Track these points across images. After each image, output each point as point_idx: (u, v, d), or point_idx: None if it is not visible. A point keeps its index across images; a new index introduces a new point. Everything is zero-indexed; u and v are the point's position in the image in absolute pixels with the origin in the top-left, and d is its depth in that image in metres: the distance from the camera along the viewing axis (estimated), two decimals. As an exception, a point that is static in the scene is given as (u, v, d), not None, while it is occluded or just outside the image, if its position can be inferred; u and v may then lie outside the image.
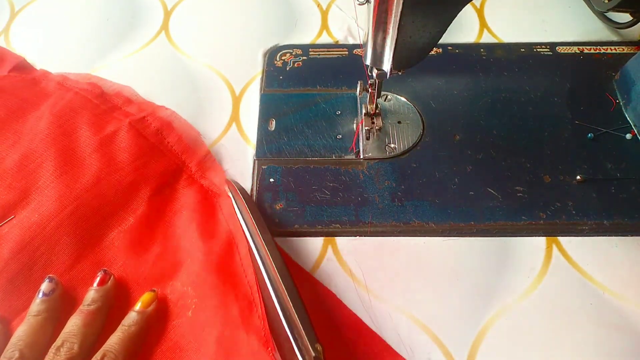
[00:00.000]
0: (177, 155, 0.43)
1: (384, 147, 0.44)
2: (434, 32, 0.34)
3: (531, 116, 0.46)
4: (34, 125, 0.44)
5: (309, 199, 0.41)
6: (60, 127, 0.43)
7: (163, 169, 0.42)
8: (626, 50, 0.51)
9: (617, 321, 0.35)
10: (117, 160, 0.42)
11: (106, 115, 0.45)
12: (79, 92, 0.46)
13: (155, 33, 0.55)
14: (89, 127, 0.43)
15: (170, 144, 0.44)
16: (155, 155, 0.43)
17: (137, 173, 0.41)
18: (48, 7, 0.58)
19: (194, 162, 0.43)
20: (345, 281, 0.38)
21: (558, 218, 0.40)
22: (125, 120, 0.44)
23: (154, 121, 0.44)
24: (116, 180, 0.41)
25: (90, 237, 0.39)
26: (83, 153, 0.42)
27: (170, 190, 0.42)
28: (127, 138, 0.43)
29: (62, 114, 0.44)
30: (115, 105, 0.46)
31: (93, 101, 0.46)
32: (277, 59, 0.51)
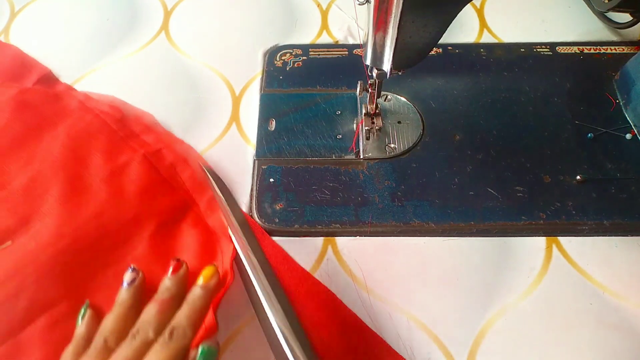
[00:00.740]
0: (188, 192, 0.41)
1: (384, 147, 0.44)
2: (434, 32, 0.34)
3: (531, 116, 0.46)
4: (48, 146, 0.43)
5: (309, 199, 0.41)
6: (73, 152, 0.42)
7: (171, 204, 0.41)
8: (626, 50, 0.51)
9: (617, 321, 0.35)
10: (125, 192, 0.40)
11: (122, 142, 0.44)
12: (100, 114, 0.45)
13: (155, 33, 0.55)
14: (103, 155, 0.42)
15: (183, 179, 0.42)
16: (165, 190, 0.41)
17: (143, 207, 0.40)
18: (48, 7, 0.58)
19: (204, 200, 0.41)
20: (345, 281, 0.38)
21: (558, 218, 0.40)
22: (140, 151, 0.43)
23: (169, 154, 0.43)
24: (120, 213, 0.39)
25: (84, 273, 0.37)
26: (91, 181, 0.41)
27: (174, 228, 0.40)
28: (139, 170, 0.42)
29: (78, 137, 0.43)
30: (134, 132, 0.45)
31: (112, 126, 0.44)
32: (277, 59, 0.51)
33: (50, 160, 0.42)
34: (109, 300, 0.34)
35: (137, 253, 0.38)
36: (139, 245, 0.38)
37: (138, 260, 0.37)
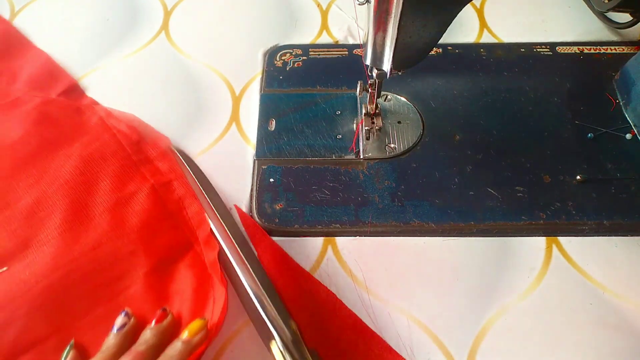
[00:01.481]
0: (191, 229, 0.39)
1: (384, 147, 0.44)
2: (434, 32, 0.34)
3: (531, 116, 0.46)
4: (60, 165, 0.42)
5: (308, 199, 0.41)
6: (83, 175, 0.41)
7: (171, 243, 0.39)
8: (626, 50, 0.51)
9: (617, 321, 0.35)
10: (126, 225, 0.39)
11: (134, 169, 0.42)
12: (117, 134, 0.44)
13: (155, 33, 0.55)
14: (112, 181, 0.41)
15: (188, 215, 0.40)
16: (168, 226, 0.39)
17: (143, 243, 0.38)
18: (48, 7, 0.58)
19: (204, 234, 0.39)
20: (345, 281, 0.38)
21: (558, 218, 0.40)
22: (150, 181, 0.41)
23: (179, 187, 0.41)
24: (118, 247, 0.38)
25: (75, 309, 0.36)
26: (95, 210, 0.39)
27: (171, 269, 0.38)
28: (145, 202, 0.40)
29: (91, 159, 0.42)
30: (148, 157, 0.43)
31: (127, 149, 0.43)
32: (277, 59, 0.51)
33: (58, 183, 0.41)
34: (98, 339, 0.33)
35: (130, 292, 0.37)
36: (133, 284, 0.37)
37: (130, 300, 0.36)
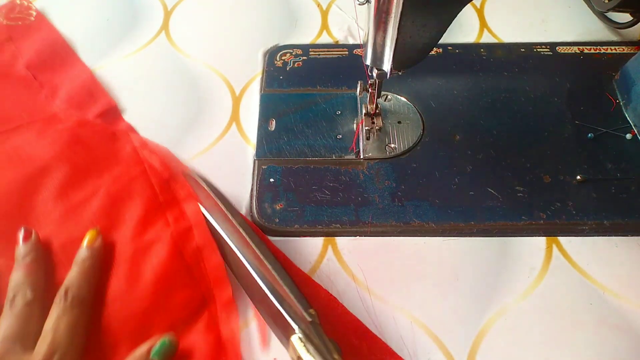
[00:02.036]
0: (208, 286, 0.36)
1: (384, 147, 0.44)
2: (434, 32, 0.34)
3: (531, 116, 0.46)
4: (87, 199, 0.40)
5: (309, 199, 0.41)
6: (107, 217, 0.39)
7: (187, 301, 0.36)
8: (626, 50, 0.51)
9: (617, 321, 0.35)
10: (142, 280, 0.36)
11: (159, 212, 0.39)
12: (148, 170, 0.42)
13: (155, 33, 0.55)
14: (134, 227, 0.38)
15: (207, 269, 0.37)
16: (184, 281, 0.36)
17: (157, 301, 0.35)
18: (47, 7, 0.58)
19: (224, 298, 0.36)
20: (346, 281, 0.38)
21: (558, 218, 0.40)
22: (170, 228, 0.38)
23: (199, 235, 0.38)
24: (131, 304, 0.35)
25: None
26: (113, 261, 0.37)
27: (184, 332, 0.35)
28: (163, 255, 0.37)
29: (117, 198, 0.40)
30: (175, 198, 0.40)
31: (155, 189, 0.41)
32: (277, 59, 0.51)
33: (83, 223, 0.39)
34: None
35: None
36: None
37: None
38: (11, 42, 0.51)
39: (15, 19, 0.53)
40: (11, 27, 0.53)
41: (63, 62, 0.51)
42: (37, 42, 0.52)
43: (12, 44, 0.51)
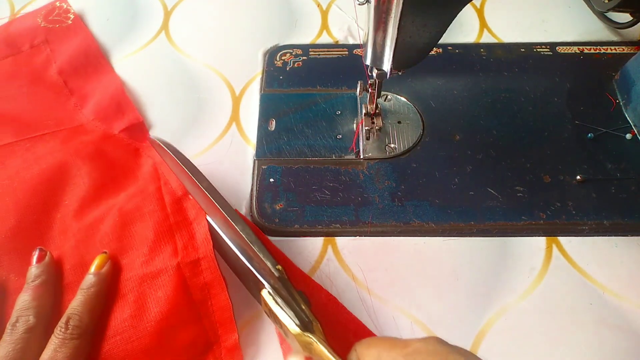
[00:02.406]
0: (214, 327, 0.35)
1: (384, 147, 0.44)
2: (434, 32, 0.34)
3: (531, 116, 0.46)
4: (101, 218, 0.39)
5: (309, 199, 0.41)
6: (118, 239, 0.38)
7: (190, 340, 0.34)
8: (626, 50, 0.51)
9: (617, 321, 0.35)
10: (145, 315, 0.34)
11: (168, 235, 0.37)
12: (162, 187, 0.40)
13: (155, 33, 0.55)
14: (142, 252, 0.37)
15: (213, 307, 0.35)
16: (190, 319, 0.35)
17: (160, 340, 0.33)
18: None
19: (229, 342, 0.34)
20: (346, 281, 0.38)
21: (558, 218, 0.40)
22: (177, 258, 0.36)
23: (206, 270, 0.36)
24: (132, 339, 0.33)
25: None
26: (121, 289, 0.35)
27: None
28: (168, 287, 0.35)
29: (129, 219, 0.38)
30: (186, 220, 0.38)
31: (166, 209, 0.39)
32: (277, 59, 0.51)
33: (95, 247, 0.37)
34: None
35: None
36: None
37: None
38: (47, 44, 0.51)
39: (54, 21, 0.53)
40: (48, 30, 0.52)
41: (95, 70, 0.50)
42: (71, 47, 0.51)
43: (47, 47, 0.51)
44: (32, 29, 0.53)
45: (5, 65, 0.50)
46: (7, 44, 0.52)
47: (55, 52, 0.51)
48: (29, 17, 0.54)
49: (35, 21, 0.53)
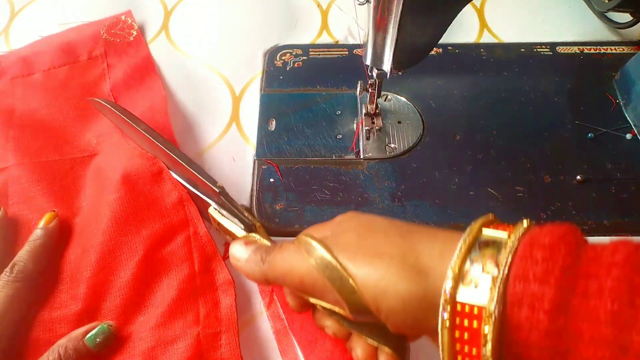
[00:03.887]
0: None
1: (384, 147, 0.44)
2: (434, 32, 0.34)
3: (531, 116, 0.46)
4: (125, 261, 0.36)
5: (309, 199, 0.41)
6: (140, 295, 0.36)
7: None
8: (626, 50, 0.50)
9: (617, 321, 0.35)
10: None
11: (191, 299, 0.35)
12: (192, 238, 0.38)
13: (155, 33, 0.55)
14: (161, 314, 0.34)
15: None
16: None
17: None
18: (47, 7, 0.58)
19: None
20: (345, 281, 0.37)
21: (558, 218, 0.40)
22: (198, 327, 0.34)
23: (226, 345, 0.34)
24: None
25: None
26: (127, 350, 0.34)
27: None
28: (182, 357, 0.33)
29: (152, 273, 0.36)
30: (212, 285, 0.36)
31: (194, 267, 0.36)
32: (277, 59, 0.51)
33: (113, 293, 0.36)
34: None
35: None
36: None
37: None
38: (104, 58, 0.50)
39: (116, 35, 0.52)
40: (109, 43, 0.51)
41: (148, 90, 0.48)
42: (128, 64, 0.50)
43: (104, 60, 0.50)
44: (93, 39, 0.51)
45: (60, 73, 0.49)
46: (65, 52, 0.50)
47: (111, 67, 0.50)
48: (91, 27, 0.53)
49: (97, 32, 0.52)
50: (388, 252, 0.25)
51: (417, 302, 0.23)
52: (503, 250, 0.22)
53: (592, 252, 0.21)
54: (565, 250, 0.20)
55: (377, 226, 0.27)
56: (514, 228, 0.23)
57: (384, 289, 0.24)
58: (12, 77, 0.49)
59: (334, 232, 0.28)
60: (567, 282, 0.20)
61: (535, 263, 0.21)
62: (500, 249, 0.22)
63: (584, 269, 0.20)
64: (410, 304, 0.23)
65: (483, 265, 0.22)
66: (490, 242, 0.23)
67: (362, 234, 0.27)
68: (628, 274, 0.19)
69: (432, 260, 0.24)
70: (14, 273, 0.34)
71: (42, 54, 0.50)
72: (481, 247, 0.23)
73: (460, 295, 0.22)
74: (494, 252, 0.22)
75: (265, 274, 0.29)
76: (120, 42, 0.52)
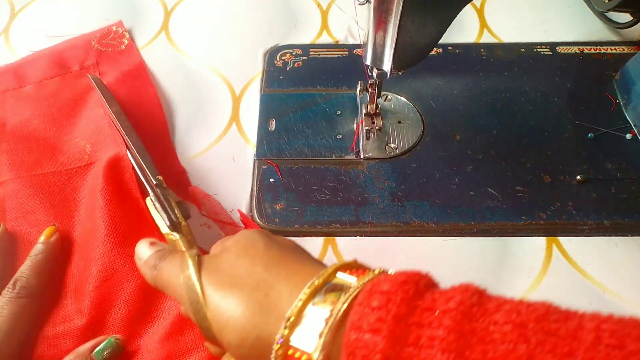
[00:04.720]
0: None
1: (384, 147, 0.44)
2: (434, 32, 0.34)
3: (531, 116, 0.46)
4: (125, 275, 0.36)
5: (309, 199, 0.41)
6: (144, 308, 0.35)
7: None
8: (626, 50, 0.50)
9: (617, 321, 0.35)
10: None
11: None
12: None
13: (155, 33, 0.55)
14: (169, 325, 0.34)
15: None
16: None
17: None
18: (47, 7, 0.58)
19: None
20: (346, 281, 0.38)
21: (558, 218, 0.40)
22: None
23: None
24: None
25: None
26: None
27: None
28: None
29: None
30: None
31: None
32: (277, 59, 0.51)
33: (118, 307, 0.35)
34: None
35: None
36: None
37: None
38: (96, 67, 0.50)
39: (107, 45, 0.52)
40: (100, 53, 0.51)
41: (139, 97, 0.48)
42: (120, 71, 0.50)
43: (96, 69, 0.50)
44: (85, 50, 0.51)
45: (52, 84, 0.49)
46: (57, 63, 0.50)
47: (103, 74, 0.50)
48: (82, 39, 0.53)
49: (88, 43, 0.52)
50: (245, 283, 0.24)
51: (253, 341, 0.22)
52: (343, 296, 0.21)
53: (430, 299, 0.20)
54: (402, 298, 0.20)
55: (254, 251, 0.26)
56: (365, 274, 0.22)
57: (226, 322, 0.23)
58: (3, 90, 0.49)
59: (224, 248, 0.27)
60: (400, 331, 0.19)
61: (371, 311, 0.20)
62: (342, 295, 0.21)
63: (417, 317, 0.19)
64: (246, 341, 0.23)
65: (322, 311, 0.21)
66: (338, 286, 0.22)
67: (238, 257, 0.26)
68: (459, 322, 0.18)
69: (280, 299, 0.23)
70: (16, 289, 0.33)
71: (33, 67, 0.50)
72: (327, 292, 0.22)
73: (294, 339, 0.21)
74: (336, 297, 0.21)
75: (154, 280, 0.28)
76: (112, 52, 0.52)
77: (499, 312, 0.19)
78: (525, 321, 0.18)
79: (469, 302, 0.19)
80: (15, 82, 0.49)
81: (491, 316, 0.19)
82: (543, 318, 0.18)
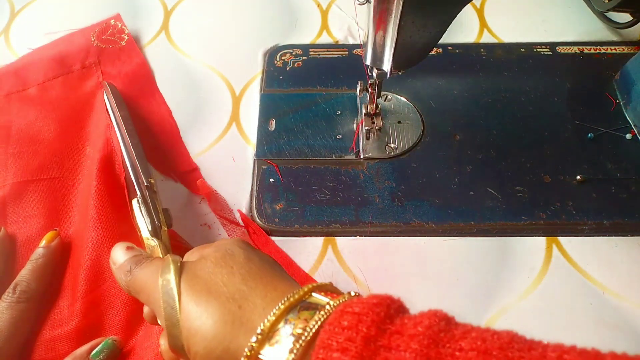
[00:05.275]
0: None
1: (384, 147, 0.44)
2: (434, 32, 0.34)
3: (531, 116, 0.46)
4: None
5: (309, 199, 0.41)
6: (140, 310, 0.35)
7: None
8: (626, 50, 0.50)
9: (617, 321, 0.35)
10: None
11: None
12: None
13: (155, 33, 0.55)
14: None
15: None
16: None
17: None
18: (48, 7, 0.58)
19: None
20: (346, 281, 0.38)
21: (558, 218, 0.40)
22: None
23: None
24: None
25: None
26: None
27: None
28: None
29: None
30: None
31: None
32: (277, 59, 0.51)
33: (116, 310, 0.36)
34: None
35: None
36: None
37: None
38: (98, 66, 0.50)
39: (107, 41, 0.51)
40: (101, 50, 0.51)
41: (143, 98, 0.48)
42: (122, 71, 0.50)
43: (98, 69, 0.49)
44: (85, 47, 0.51)
45: (55, 85, 0.48)
46: (58, 63, 0.50)
47: (105, 75, 0.49)
48: (81, 35, 0.52)
49: (88, 39, 0.51)
50: (220, 292, 0.24)
51: (220, 353, 0.22)
52: (316, 315, 0.21)
53: (400, 323, 0.20)
54: (372, 320, 0.20)
55: (232, 261, 0.26)
56: (339, 296, 0.23)
57: (197, 330, 0.23)
58: (6, 93, 0.48)
59: (204, 255, 0.27)
60: (368, 352, 0.19)
61: (341, 330, 0.20)
62: (316, 313, 0.21)
63: (386, 340, 0.19)
64: (214, 352, 0.22)
65: (294, 327, 0.21)
66: (312, 305, 0.22)
67: (216, 266, 0.25)
68: (426, 346, 0.19)
69: (253, 312, 0.23)
70: (17, 294, 0.33)
71: (34, 68, 0.50)
72: (301, 309, 0.22)
73: (265, 353, 0.21)
74: (309, 315, 0.21)
75: (127, 285, 0.28)
76: (112, 48, 0.51)
77: (465, 338, 0.19)
78: (489, 348, 0.18)
79: (437, 328, 0.19)
80: (18, 84, 0.49)
81: (457, 342, 0.19)
82: (507, 346, 0.18)
